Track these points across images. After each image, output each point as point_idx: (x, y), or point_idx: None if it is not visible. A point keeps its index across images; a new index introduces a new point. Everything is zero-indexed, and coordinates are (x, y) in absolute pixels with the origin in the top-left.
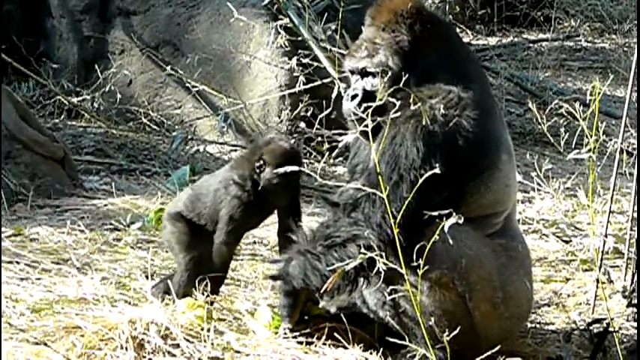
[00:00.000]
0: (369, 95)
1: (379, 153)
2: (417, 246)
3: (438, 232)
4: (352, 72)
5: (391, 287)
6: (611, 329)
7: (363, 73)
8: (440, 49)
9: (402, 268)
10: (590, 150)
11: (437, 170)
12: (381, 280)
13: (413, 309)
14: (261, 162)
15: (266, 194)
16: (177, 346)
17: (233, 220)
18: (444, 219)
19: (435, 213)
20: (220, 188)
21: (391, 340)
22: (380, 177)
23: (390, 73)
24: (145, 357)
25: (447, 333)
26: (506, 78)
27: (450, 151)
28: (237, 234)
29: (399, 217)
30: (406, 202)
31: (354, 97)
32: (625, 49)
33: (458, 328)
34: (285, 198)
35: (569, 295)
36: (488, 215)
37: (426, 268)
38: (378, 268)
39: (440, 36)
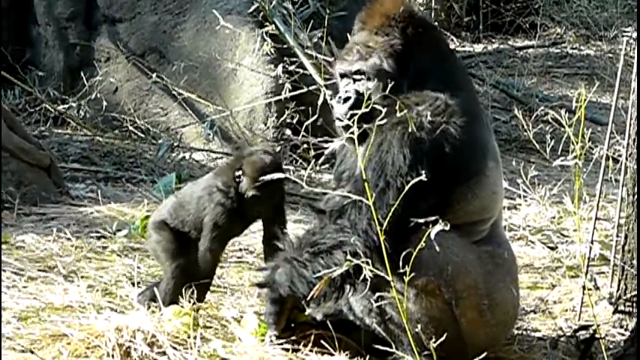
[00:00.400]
0: (361, 98)
1: (366, 159)
2: (404, 253)
3: (424, 239)
4: (343, 75)
5: (378, 294)
6: (597, 336)
7: (356, 76)
8: (430, 54)
9: (388, 275)
10: (576, 157)
11: (423, 177)
12: (368, 287)
13: (399, 316)
14: (240, 172)
15: (248, 202)
16: (164, 353)
17: (217, 226)
18: (430, 226)
19: (422, 220)
20: (204, 195)
21: (378, 347)
22: (366, 184)
23: (383, 76)
24: None
25: (433, 340)
26: (492, 85)
27: (436, 158)
28: (221, 241)
29: (385, 224)
30: (392, 209)
31: (346, 99)
32: (610, 55)
33: (444, 335)
34: (267, 207)
35: (555, 302)
36: (475, 222)
37: (412, 275)
38: (365, 275)
39: (431, 41)
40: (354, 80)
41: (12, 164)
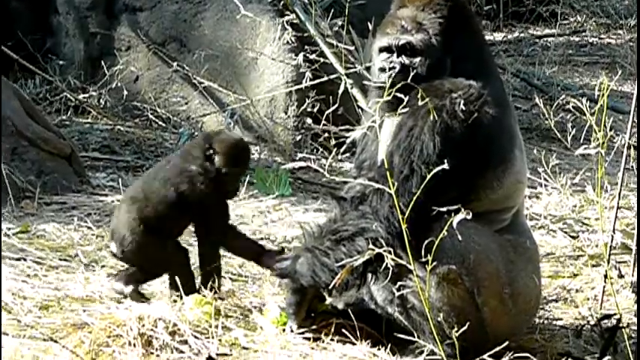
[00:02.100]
0: (406, 70)
1: (394, 144)
2: (426, 241)
3: (446, 227)
4: (385, 49)
5: (399, 283)
6: (621, 325)
7: (402, 50)
8: (470, 38)
9: (410, 263)
10: (598, 145)
11: (446, 166)
12: (390, 275)
13: (421, 304)
14: (212, 150)
15: (224, 180)
16: (185, 342)
17: (218, 209)
18: (453, 214)
19: (444, 209)
20: (182, 182)
21: (399, 336)
22: (388, 170)
23: (431, 52)
24: (152, 353)
25: (455, 329)
26: (513, 73)
27: (466, 147)
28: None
29: (407, 212)
30: (414, 197)
31: (391, 69)
32: (631, 44)
33: (466, 324)
34: (236, 186)
35: (576, 291)
36: (498, 211)
37: (434, 263)
38: (387, 263)
39: (472, 26)
40: (399, 54)
41: (32, 153)
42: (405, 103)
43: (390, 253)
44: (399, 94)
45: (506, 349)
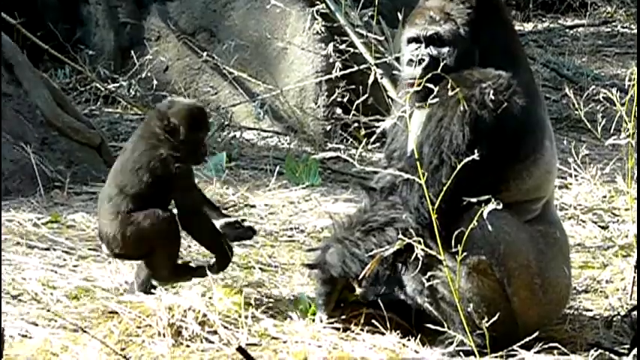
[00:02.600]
0: (435, 62)
1: (424, 134)
2: (456, 231)
3: (476, 217)
4: (414, 40)
5: (429, 273)
6: None
7: (430, 41)
8: (499, 28)
9: (440, 253)
10: (628, 136)
11: (476, 156)
12: (419, 265)
13: (451, 295)
14: (171, 125)
15: (190, 149)
16: (215, 332)
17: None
18: (483, 205)
19: (474, 199)
20: (156, 168)
21: (429, 326)
22: (419, 160)
23: (459, 42)
24: (182, 344)
25: (485, 319)
26: (543, 64)
27: (496, 137)
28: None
29: (437, 202)
30: (445, 188)
31: (419, 62)
32: None
33: (496, 315)
34: (205, 148)
35: (606, 282)
36: (528, 201)
37: (464, 253)
38: (416, 253)
39: (501, 16)
40: (427, 45)
41: (62, 143)
42: (434, 94)
43: (419, 243)
44: (428, 85)
45: (536, 339)
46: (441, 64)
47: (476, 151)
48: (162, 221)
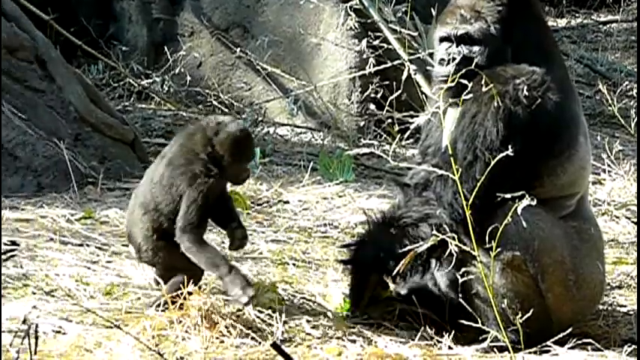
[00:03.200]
0: (466, 61)
1: (458, 130)
2: (489, 227)
3: (510, 213)
4: (445, 39)
5: (463, 269)
6: None
7: (461, 40)
8: (532, 24)
9: (474, 249)
10: None
11: (510, 153)
12: (453, 261)
13: (485, 291)
14: (216, 152)
15: (229, 172)
16: (249, 328)
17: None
18: (517, 201)
19: (508, 195)
20: (186, 184)
21: (463, 322)
22: (453, 156)
23: (489, 41)
24: (217, 338)
25: (519, 315)
26: (576, 59)
27: (530, 133)
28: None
29: (471, 198)
30: (479, 184)
31: (450, 61)
32: None
33: (530, 311)
34: (245, 174)
35: None
36: (562, 197)
37: (498, 249)
38: (450, 249)
39: (533, 12)
40: (458, 44)
41: (96, 139)
42: (467, 90)
43: (453, 239)
44: (462, 81)
45: (569, 335)
46: (473, 63)
47: (510, 146)
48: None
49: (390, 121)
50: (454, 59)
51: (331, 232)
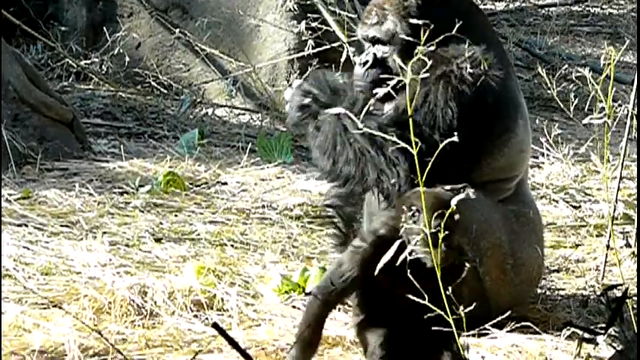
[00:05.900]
0: (379, 62)
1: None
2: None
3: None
4: (364, 39)
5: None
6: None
7: (374, 41)
8: (454, 13)
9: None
10: (606, 115)
11: (455, 139)
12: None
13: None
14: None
15: None
16: (187, 310)
17: None
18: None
19: (448, 187)
20: None
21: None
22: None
23: (398, 41)
24: (154, 322)
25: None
26: (515, 43)
27: (478, 111)
28: None
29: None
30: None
31: (364, 63)
32: (633, 14)
33: (468, 294)
34: None
35: (578, 261)
36: (501, 180)
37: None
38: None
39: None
40: (373, 44)
41: (34, 119)
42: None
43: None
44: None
45: (508, 318)
46: (385, 64)
47: (464, 125)
48: None
49: None
50: (367, 61)
51: (269, 214)
